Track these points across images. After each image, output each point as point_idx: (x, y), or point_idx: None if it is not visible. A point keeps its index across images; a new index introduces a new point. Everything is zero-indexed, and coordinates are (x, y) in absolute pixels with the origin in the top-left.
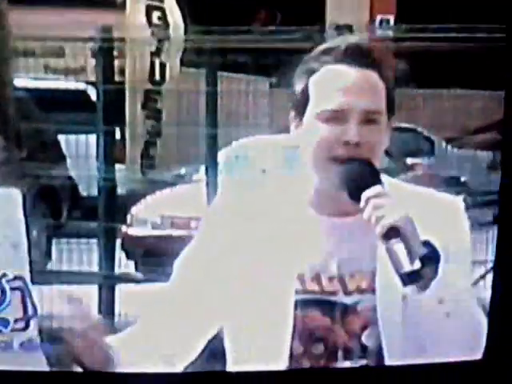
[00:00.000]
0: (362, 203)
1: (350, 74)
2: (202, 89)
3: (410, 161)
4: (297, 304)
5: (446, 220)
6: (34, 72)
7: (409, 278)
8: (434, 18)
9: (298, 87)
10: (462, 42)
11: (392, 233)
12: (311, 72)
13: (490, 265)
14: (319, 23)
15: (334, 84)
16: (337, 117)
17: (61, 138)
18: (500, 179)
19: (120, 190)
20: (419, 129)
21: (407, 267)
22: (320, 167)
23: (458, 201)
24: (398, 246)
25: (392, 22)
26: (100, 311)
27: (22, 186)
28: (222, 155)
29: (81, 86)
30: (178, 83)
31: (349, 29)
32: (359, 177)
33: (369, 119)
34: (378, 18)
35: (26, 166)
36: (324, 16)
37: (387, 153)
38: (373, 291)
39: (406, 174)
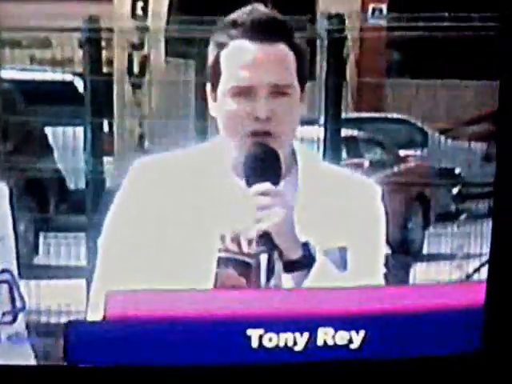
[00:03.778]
0: (251, 192)
1: (257, 49)
2: (192, 80)
3: (402, 152)
4: (218, 261)
5: (360, 204)
6: (19, 63)
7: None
8: (427, 6)
9: (211, 60)
10: (456, 31)
11: (263, 239)
12: (221, 46)
13: (485, 258)
14: (310, 12)
15: (241, 60)
16: (246, 92)
17: (48, 130)
18: (495, 170)
19: (108, 183)
20: (412, 120)
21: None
22: (233, 141)
23: (375, 185)
24: (263, 258)
25: (385, 11)
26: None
27: (8, 180)
28: None
29: (68, 77)
30: (164, 74)
31: (340, 18)
32: (258, 163)
33: (278, 92)
34: (371, 6)
35: (12, 159)
36: (315, 5)
37: (379, 144)
38: None
39: (399, 165)
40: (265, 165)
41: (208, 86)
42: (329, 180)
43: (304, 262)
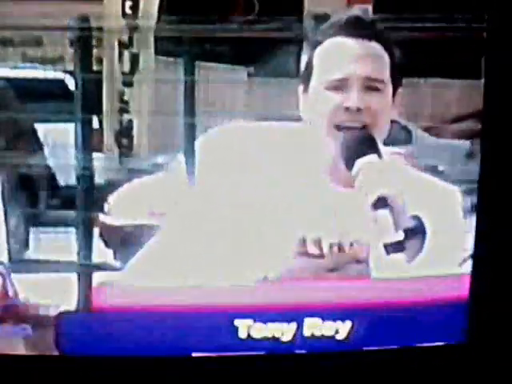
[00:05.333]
0: (354, 171)
1: (352, 44)
2: (180, 78)
3: (386, 150)
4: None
5: (442, 205)
6: (11, 61)
7: (391, 248)
8: (412, 7)
9: (304, 61)
10: (441, 31)
11: (380, 203)
12: (316, 45)
13: (468, 253)
14: (297, 13)
15: (337, 54)
16: (340, 85)
17: (38, 126)
18: (479, 168)
19: (98, 179)
20: (396, 118)
21: (390, 237)
22: (325, 135)
23: (457, 191)
24: (385, 215)
25: (370, 11)
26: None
27: None
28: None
29: (59, 75)
30: (153, 73)
31: (326, 18)
32: (355, 144)
33: (371, 87)
34: (356, 7)
35: (2, 155)
36: (302, 5)
37: None
38: (367, 262)
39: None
40: (363, 145)
41: (300, 89)
42: (413, 177)
43: (417, 231)
